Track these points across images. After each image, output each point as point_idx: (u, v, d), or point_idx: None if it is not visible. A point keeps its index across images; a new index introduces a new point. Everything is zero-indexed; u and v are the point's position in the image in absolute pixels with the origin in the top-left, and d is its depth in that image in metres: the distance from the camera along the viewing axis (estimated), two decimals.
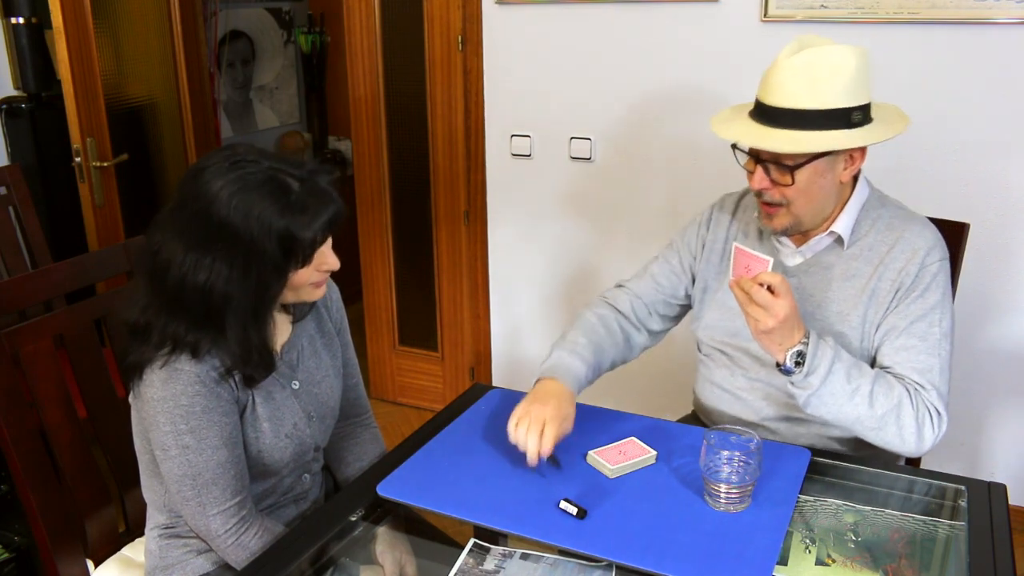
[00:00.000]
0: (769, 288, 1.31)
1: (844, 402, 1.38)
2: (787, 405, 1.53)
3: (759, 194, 1.46)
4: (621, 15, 2.52)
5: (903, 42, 2.22)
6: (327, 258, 1.30)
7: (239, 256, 1.21)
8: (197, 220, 1.21)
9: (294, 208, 1.21)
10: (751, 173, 1.45)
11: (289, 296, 1.31)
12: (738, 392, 1.59)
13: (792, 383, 1.39)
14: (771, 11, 2.32)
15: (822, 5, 2.26)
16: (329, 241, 1.30)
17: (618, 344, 1.65)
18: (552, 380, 1.47)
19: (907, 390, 1.40)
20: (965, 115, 2.21)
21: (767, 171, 1.42)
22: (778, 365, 1.39)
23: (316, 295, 1.34)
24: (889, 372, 1.44)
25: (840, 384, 1.37)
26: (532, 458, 1.34)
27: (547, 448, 1.34)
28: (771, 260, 1.32)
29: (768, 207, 1.46)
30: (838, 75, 1.35)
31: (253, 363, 1.28)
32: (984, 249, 2.27)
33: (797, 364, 1.36)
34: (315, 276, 1.30)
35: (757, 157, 1.43)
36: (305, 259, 1.26)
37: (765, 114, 1.41)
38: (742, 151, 1.45)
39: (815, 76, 1.36)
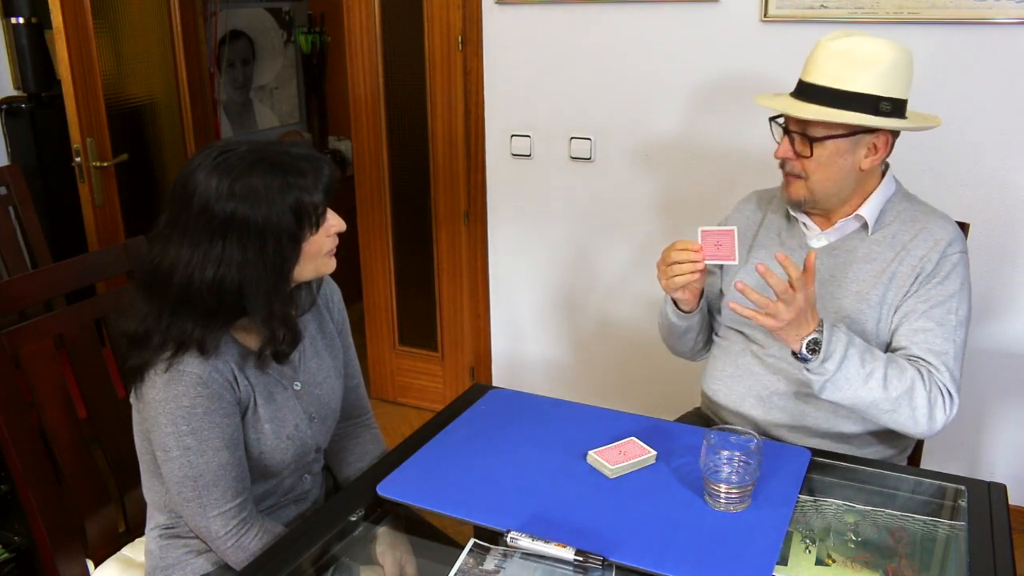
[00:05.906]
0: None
1: (859, 386, 1.41)
2: (798, 380, 1.55)
3: (782, 165, 1.55)
4: (621, 15, 2.52)
5: (903, 42, 2.21)
6: (333, 219, 1.32)
7: (252, 239, 1.22)
8: (200, 219, 1.21)
9: (294, 175, 1.24)
10: (780, 144, 1.55)
11: (308, 271, 1.32)
12: (750, 367, 1.61)
13: (808, 370, 1.42)
14: (771, 11, 2.32)
15: (822, 5, 2.26)
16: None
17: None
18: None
19: (919, 372, 1.44)
20: (965, 115, 2.21)
21: (792, 142, 1.51)
22: (794, 354, 1.43)
23: (331, 265, 1.35)
24: (904, 353, 1.48)
25: (855, 368, 1.41)
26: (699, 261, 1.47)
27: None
28: (735, 228, 1.44)
29: (789, 176, 1.55)
30: (873, 63, 1.45)
31: (280, 338, 1.30)
32: (984, 249, 2.26)
33: (812, 351, 1.40)
34: (327, 243, 1.32)
35: (787, 130, 1.53)
36: (317, 222, 1.28)
37: (802, 91, 1.52)
38: (779, 126, 1.55)
39: (850, 61, 1.45)
